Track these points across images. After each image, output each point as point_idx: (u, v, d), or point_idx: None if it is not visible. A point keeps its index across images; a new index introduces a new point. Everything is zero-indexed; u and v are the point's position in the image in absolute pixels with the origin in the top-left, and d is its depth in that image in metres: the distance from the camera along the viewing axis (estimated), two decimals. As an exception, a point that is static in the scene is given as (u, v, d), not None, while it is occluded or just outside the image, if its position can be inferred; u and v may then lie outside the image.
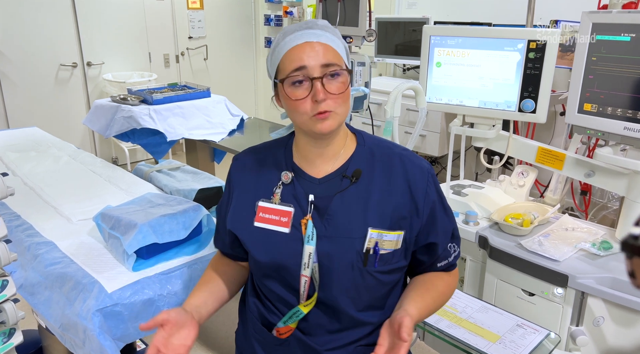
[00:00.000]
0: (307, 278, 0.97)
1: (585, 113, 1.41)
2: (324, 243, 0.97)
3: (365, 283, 0.98)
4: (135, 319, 1.31)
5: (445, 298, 1.09)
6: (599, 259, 1.40)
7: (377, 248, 0.96)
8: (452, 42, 1.61)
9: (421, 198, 0.99)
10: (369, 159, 1.02)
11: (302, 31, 0.94)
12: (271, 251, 0.99)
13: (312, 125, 0.94)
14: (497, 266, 1.52)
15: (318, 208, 0.99)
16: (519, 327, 1.37)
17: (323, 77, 0.91)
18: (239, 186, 1.06)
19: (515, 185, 1.78)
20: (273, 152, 1.07)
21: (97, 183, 1.99)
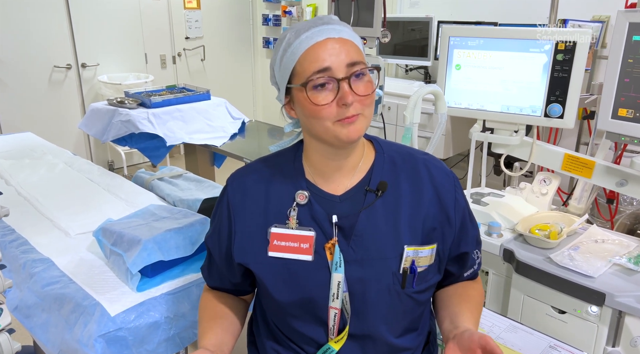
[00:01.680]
0: (337, 310, 0.86)
1: (619, 119, 1.32)
2: (353, 268, 0.86)
3: (403, 306, 0.88)
4: (140, 344, 1.21)
5: (482, 308, 1.02)
6: (635, 274, 1.32)
7: (414, 266, 0.87)
8: (472, 44, 1.53)
9: (451, 206, 0.91)
10: (392, 168, 0.92)
11: (320, 27, 0.82)
12: (293, 284, 0.87)
13: (337, 132, 0.83)
14: (525, 281, 1.43)
15: (342, 229, 0.88)
16: (552, 349, 1.28)
17: (350, 77, 0.81)
18: (241, 212, 0.92)
19: (537, 193, 1.70)
20: (279, 168, 0.94)
21: (96, 193, 1.89)
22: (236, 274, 0.96)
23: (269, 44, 5.77)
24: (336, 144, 0.85)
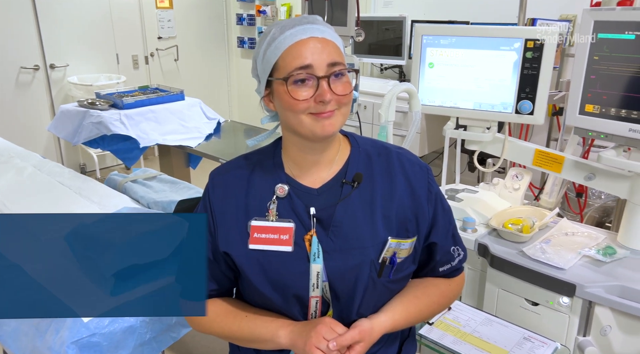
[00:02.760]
0: (318, 298, 0.88)
1: (587, 115, 1.36)
2: (333, 257, 0.88)
3: (377, 294, 0.91)
4: (115, 350, 1.19)
5: (440, 308, 1.04)
6: (604, 265, 1.35)
7: (395, 258, 0.89)
8: (445, 42, 1.55)
9: (424, 197, 0.94)
10: (367, 162, 0.95)
11: (304, 25, 0.85)
12: (274, 274, 0.89)
13: (313, 126, 0.86)
14: (499, 275, 1.46)
15: (321, 220, 0.91)
16: (526, 340, 1.30)
17: (329, 77, 0.83)
18: (222, 207, 0.94)
19: (510, 189, 1.73)
20: (259, 164, 0.96)
21: (67, 197, 1.84)
22: (228, 267, 0.96)
23: (243, 44, 5.73)
24: (311, 138, 0.88)
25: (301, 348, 0.85)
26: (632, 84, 1.25)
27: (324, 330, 0.84)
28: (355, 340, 0.85)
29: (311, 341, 0.83)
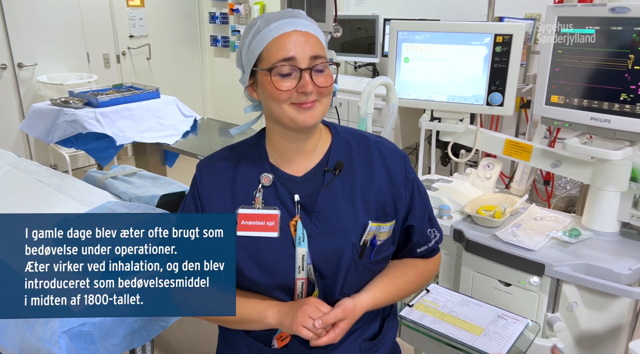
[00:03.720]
0: (304, 280, 0.93)
1: (552, 105, 1.45)
2: (317, 241, 0.93)
3: (358, 274, 0.96)
4: (105, 338, 1.21)
5: (417, 286, 1.09)
6: (570, 246, 1.44)
7: (375, 240, 0.94)
8: (419, 37, 1.61)
9: (402, 182, 1.00)
10: (347, 150, 1.00)
11: (289, 19, 0.89)
12: (262, 259, 0.93)
13: (295, 117, 0.90)
14: (473, 258, 1.53)
15: (305, 207, 0.96)
16: (500, 318, 1.38)
17: (311, 69, 0.88)
18: (210, 196, 0.98)
19: (482, 178, 1.81)
20: (244, 154, 1.00)
21: (46, 194, 1.84)
22: None
23: (216, 42, 5.72)
24: (294, 128, 0.92)
25: (288, 326, 0.90)
26: (593, 76, 1.34)
27: (310, 309, 0.89)
28: (339, 318, 0.90)
29: (297, 320, 0.88)
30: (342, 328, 0.90)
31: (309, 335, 0.87)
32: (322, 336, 0.88)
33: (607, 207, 1.47)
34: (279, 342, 0.97)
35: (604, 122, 1.34)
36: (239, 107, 3.66)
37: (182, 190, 1.90)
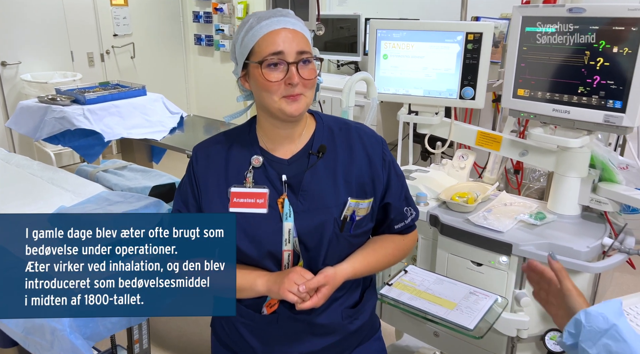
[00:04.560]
0: (290, 251, 1.03)
1: (519, 98, 1.57)
2: (302, 217, 1.04)
3: (340, 246, 1.07)
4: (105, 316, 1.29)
5: (395, 259, 1.21)
6: (535, 228, 1.57)
7: (354, 215, 1.05)
8: (397, 35, 1.72)
9: (379, 164, 1.10)
10: (330, 136, 1.11)
11: (279, 17, 1.00)
12: (252, 233, 1.03)
13: (283, 108, 1.00)
14: (448, 241, 1.65)
15: (291, 186, 1.06)
16: (471, 294, 1.50)
17: (298, 63, 0.98)
18: (205, 177, 1.08)
19: (457, 168, 1.93)
20: (237, 139, 1.11)
21: (40, 186, 1.90)
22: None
23: (200, 41, 5.77)
24: (281, 117, 1.03)
25: (276, 292, 0.99)
26: (554, 71, 1.47)
27: (295, 277, 0.99)
28: (321, 283, 1.00)
29: (284, 286, 0.97)
30: (324, 293, 1.00)
31: (294, 299, 0.97)
32: (306, 300, 0.98)
33: (569, 192, 1.59)
34: (268, 309, 1.07)
35: (564, 113, 1.46)
36: (223, 104, 3.88)
37: (172, 181, 1.98)
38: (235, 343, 1.12)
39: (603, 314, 0.78)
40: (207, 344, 1.89)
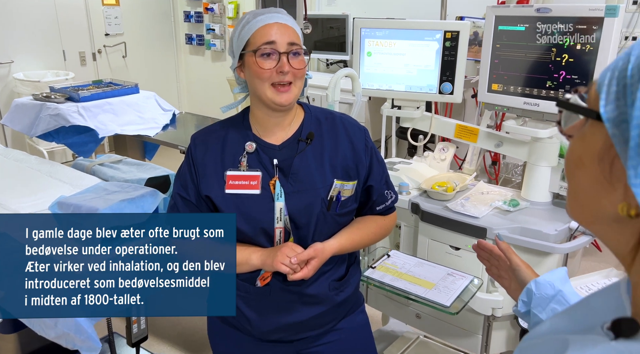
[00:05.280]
0: (281, 229, 1.13)
1: (493, 92, 1.67)
2: (292, 197, 1.13)
3: (327, 224, 1.17)
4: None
5: (377, 237, 1.31)
6: (509, 214, 1.67)
7: (340, 196, 1.15)
8: (380, 34, 1.82)
9: (362, 150, 1.21)
10: (317, 124, 1.21)
11: (272, 14, 1.11)
12: (246, 212, 1.12)
13: (274, 97, 1.10)
14: (428, 227, 1.75)
15: (282, 169, 1.16)
16: (449, 275, 1.60)
17: (289, 53, 1.08)
18: (203, 161, 1.17)
19: (437, 160, 2.04)
20: (231, 127, 1.20)
21: (39, 179, 1.98)
22: (209, 210, 1.19)
23: (191, 41, 5.83)
24: (272, 106, 1.13)
25: (270, 265, 1.09)
26: (524, 66, 1.57)
27: (287, 250, 1.08)
28: (311, 256, 1.10)
29: (277, 259, 1.07)
30: (314, 265, 1.10)
31: (286, 270, 1.07)
32: (297, 271, 1.08)
33: (541, 180, 1.70)
34: (262, 281, 1.16)
35: (534, 106, 1.57)
36: (214, 102, 4.01)
37: (167, 173, 2.06)
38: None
39: (550, 282, 0.88)
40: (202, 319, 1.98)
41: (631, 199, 0.43)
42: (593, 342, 0.48)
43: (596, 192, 0.48)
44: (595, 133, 0.47)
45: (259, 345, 1.24)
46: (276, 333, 1.21)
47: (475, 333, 1.76)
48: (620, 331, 0.46)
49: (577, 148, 0.50)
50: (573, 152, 0.51)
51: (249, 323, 1.20)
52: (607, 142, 0.45)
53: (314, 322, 1.21)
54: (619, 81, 0.45)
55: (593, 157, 0.47)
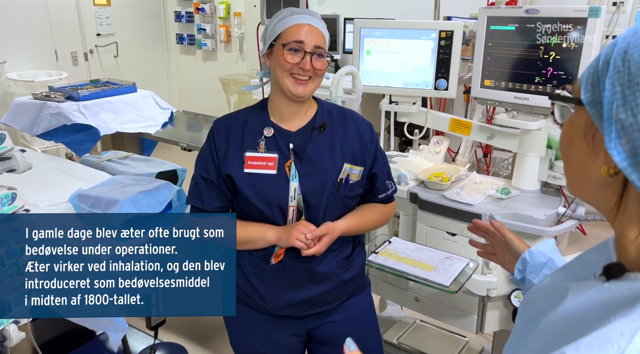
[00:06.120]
0: (294, 207, 1.24)
1: (485, 88, 1.79)
2: (305, 179, 1.25)
3: (336, 205, 1.29)
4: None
5: (378, 222, 1.44)
6: (502, 201, 1.79)
7: (348, 178, 1.26)
8: (379, 33, 1.93)
9: (369, 141, 1.34)
10: (329, 116, 1.33)
11: (307, 15, 1.23)
12: (264, 191, 1.23)
13: (292, 88, 1.21)
14: (426, 215, 1.86)
15: (297, 153, 1.28)
16: (447, 259, 1.72)
17: (313, 54, 1.19)
18: (225, 144, 1.28)
19: (432, 152, 2.15)
20: (252, 114, 1.32)
21: (51, 174, 2.04)
22: (228, 189, 1.28)
23: (182, 40, 5.89)
24: (289, 95, 1.24)
25: (285, 240, 1.20)
26: (515, 63, 1.70)
27: (302, 228, 1.20)
28: (324, 233, 1.22)
29: (292, 235, 1.18)
30: (326, 241, 1.21)
31: (301, 245, 1.17)
32: (311, 247, 1.19)
33: (530, 170, 1.83)
34: (275, 259, 1.27)
35: (524, 100, 1.69)
36: (206, 101, 4.13)
37: (174, 168, 2.14)
38: (245, 293, 1.32)
39: (542, 251, 1.00)
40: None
41: (610, 161, 0.55)
42: (589, 286, 0.59)
43: (585, 162, 0.60)
44: (579, 116, 0.60)
45: (272, 323, 1.34)
46: (288, 309, 1.31)
47: (471, 314, 1.88)
48: (610, 274, 0.57)
49: (567, 130, 0.64)
50: (564, 134, 0.64)
51: (263, 300, 1.30)
52: (589, 120, 0.58)
53: (322, 298, 1.32)
54: (593, 74, 0.57)
55: (579, 134, 0.60)
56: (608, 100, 0.54)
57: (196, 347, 2.36)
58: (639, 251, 0.56)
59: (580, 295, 0.59)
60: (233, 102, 5.24)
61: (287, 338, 1.36)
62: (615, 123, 0.53)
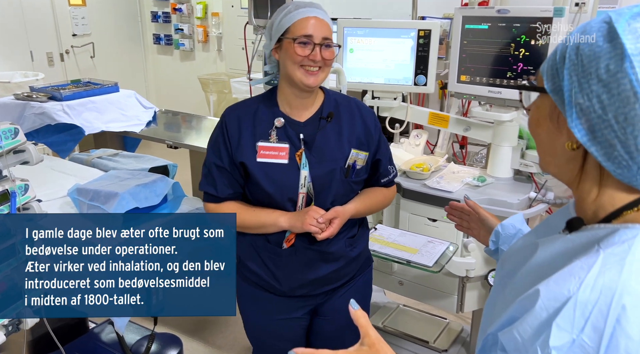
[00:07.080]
0: (304, 194, 1.33)
1: (462, 83, 1.92)
2: (315, 166, 1.34)
3: (344, 190, 1.38)
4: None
5: (382, 205, 1.55)
6: (478, 188, 1.93)
7: (355, 164, 1.36)
8: (361, 32, 2.04)
9: (373, 128, 1.43)
10: (335, 106, 1.42)
11: (312, 8, 1.30)
12: (275, 178, 1.32)
13: (303, 78, 1.29)
14: (409, 203, 1.98)
15: (307, 143, 1.36)
16: (429, 243, 1.84)
17: (322, 45, 1.27)
18: (237, 133, 1.35)
19: (413, 145, 2.28)
20: (262, 105, 1.39)
21: (43, 172, 2.08)
22: (240, 176, 1.36)
23: (159, 41, 5.89)
24: (301, 86, 1.32)
25: (299, 227, 1.29)
26: (488, 60, 1.83)
27: (313, 213, 1.29)
28: (334, 216, 1.31)
29: (306, 221, 1.28)
30: (337, 224, 1.31)
31: (315, 230, 1.27)
32: (323, 230, 1.28)
33: (503, 159, 1.97)
34: (287, 243, 1.36)
35: (497, 93, 1.83)
36: (183, 101, 4.23)
37: (165, 164, 2.21)
38: (261, 278, 1.40)
39: (512, 223, 1.12)
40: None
41: (572, 138, 0.66)
42: (555, 239, 0.71)
43: (551, 140, 0.72)
44: (544, 102, 0.72)
45: (285, 302, 1.44)
46: (301, 289, 1.41)
47: (451, 294, 2.01)
48: (572, 227, 0.69)
49: (535, 114, 0.76)
50: (532, 117, 0.77)
51: (278, 282, 1.39)
52: (552, 104, 0.70)
53: (332, 276, 1.42)
54: (552, 66, 0.69)
55: (545, 117, 0.72)
56: (567, 88, 0.66)
57: (188, 338, 2.43)
58: (596, 209, 0.68)
59: (548, 248, 0.71)
60: (212, 101, 5.29)
61: (300, 315, 1.46)
62: (575, 107, 0.65)
